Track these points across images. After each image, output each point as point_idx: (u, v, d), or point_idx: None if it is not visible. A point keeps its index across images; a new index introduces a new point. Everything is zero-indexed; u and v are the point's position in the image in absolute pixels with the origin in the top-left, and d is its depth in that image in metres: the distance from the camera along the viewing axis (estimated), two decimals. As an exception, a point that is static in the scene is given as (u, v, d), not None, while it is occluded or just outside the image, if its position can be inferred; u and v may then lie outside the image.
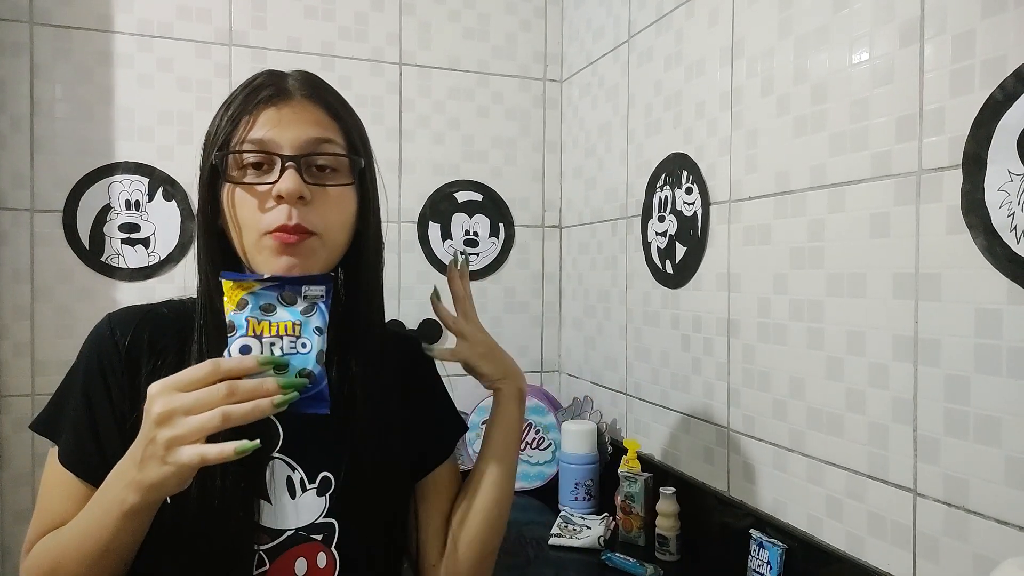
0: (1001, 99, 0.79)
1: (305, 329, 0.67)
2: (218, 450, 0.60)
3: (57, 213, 1.54)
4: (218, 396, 0.61)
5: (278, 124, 0.73)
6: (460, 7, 1.88)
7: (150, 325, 0.79)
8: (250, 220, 0.73)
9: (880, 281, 0.95)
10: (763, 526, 1.14)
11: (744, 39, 1.22)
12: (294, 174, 0.72)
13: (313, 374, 0.65)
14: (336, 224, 0.76)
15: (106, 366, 0.77)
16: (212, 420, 0.60)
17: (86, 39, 1.56)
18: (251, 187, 0.73)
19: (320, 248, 0.75)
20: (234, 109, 0.75)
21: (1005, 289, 0.79)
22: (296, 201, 0.72)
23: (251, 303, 0.67)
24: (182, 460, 0.60)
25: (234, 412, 0.61)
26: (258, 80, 0.77)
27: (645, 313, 1.53)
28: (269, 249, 0.73)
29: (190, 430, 0.60)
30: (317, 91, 0.77)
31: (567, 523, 1.42)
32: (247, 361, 0.63)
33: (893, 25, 0.93)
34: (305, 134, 0.74)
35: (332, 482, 0.80)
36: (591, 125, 1.80)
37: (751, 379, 1.20)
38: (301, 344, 0.66)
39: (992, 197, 0.80)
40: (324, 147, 0.75)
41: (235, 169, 0.74)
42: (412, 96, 1.83)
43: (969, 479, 0.84)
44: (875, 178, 0.96)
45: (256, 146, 0.73)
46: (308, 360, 0.66)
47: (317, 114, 0.76)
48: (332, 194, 0.75)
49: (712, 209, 1.30)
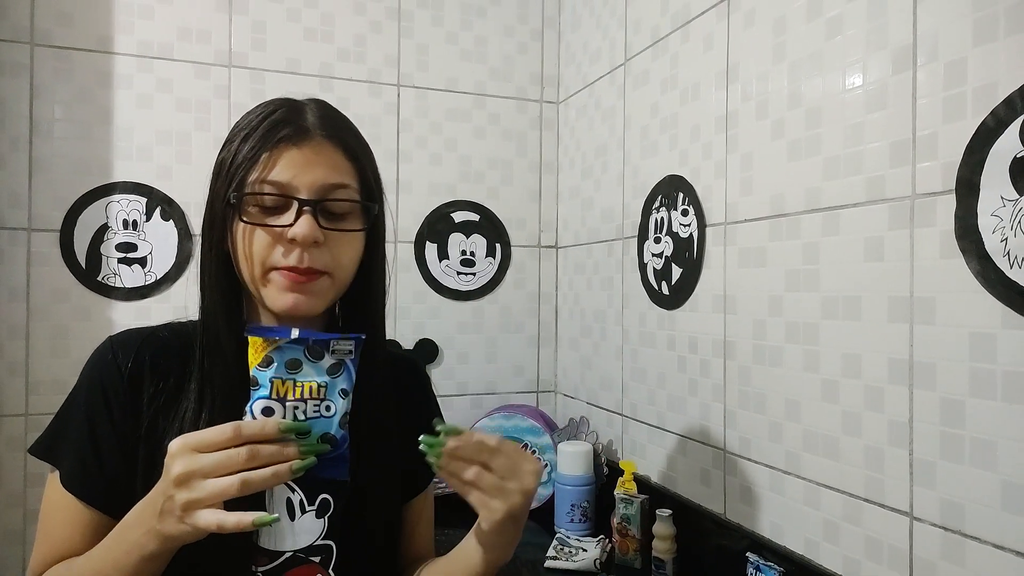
0: (993, 125, 0.80)
1: (331, 391, 0.66)
2: (235, 520, 0.61)
3: (54, 232, 1.54)
4: (238, 460, 0.61)
5: (297, 166, 0.74)
6: (458, 30, 1.89)
7: (152, 348, 0.80)
8: (261, 255, 0.74)
9: (875, 304, 0.96)
10: (760, 549, 1.13)
11: (739, 64, 1.23)
12: (311, 220, 0.73)
13: (335, 439, 0.65)
14: (346, 263, 0.78)
15: (108, 389, 0.77)
16: (231, 487, 0.60)
17: (86, 60, 1.57)
18: (267, 228, 0.74)
19: (329, 287, 0.77)
20: (253, 143, 0.75)
21: (999, 313, 0.80)
22: (310, 246, 0.73)
23: (276, 361, 0.65)
24: (199, 524, 0.61)
25: (253, 479, 0.61)
26: (277, 114, 0.76)
27: (641, 334, 1.53)
28: (276, 285, 0.74)
29: (208, 495, 0.60)
30: (336, 131, 0.78)
31: (563, 545, 1.41)
32: (269, 427, 0.63)
33: (886, 52, 0.95)
34: (323, 179, 0.75)
35: (331, 504, 0.80)
36: (588, 146, 1.81)
37: (747, 401, 1.20)
38: (325, 407, 0.65)
39: (985, 222, 0.81)
40: (340, 192, 0.76)
41: (251, 206, 0.75)
42: (410, 117, 1.85)
43: (965, 503, 0.84)
44: (869, 202, 0.97)
45: (275, 189, 0.74)
46: (331, 424, 0.65)
47: (335, 157, 0.76)
48: (344, 236, 0.77)
49: (708, 231, 1.31)
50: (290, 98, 0.80)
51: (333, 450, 0.65)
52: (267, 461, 0.62)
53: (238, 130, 0.78)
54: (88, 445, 0.75)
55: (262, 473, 0.61)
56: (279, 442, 0.63)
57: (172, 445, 0.62)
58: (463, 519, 0.81)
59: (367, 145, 0.83)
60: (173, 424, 0.75)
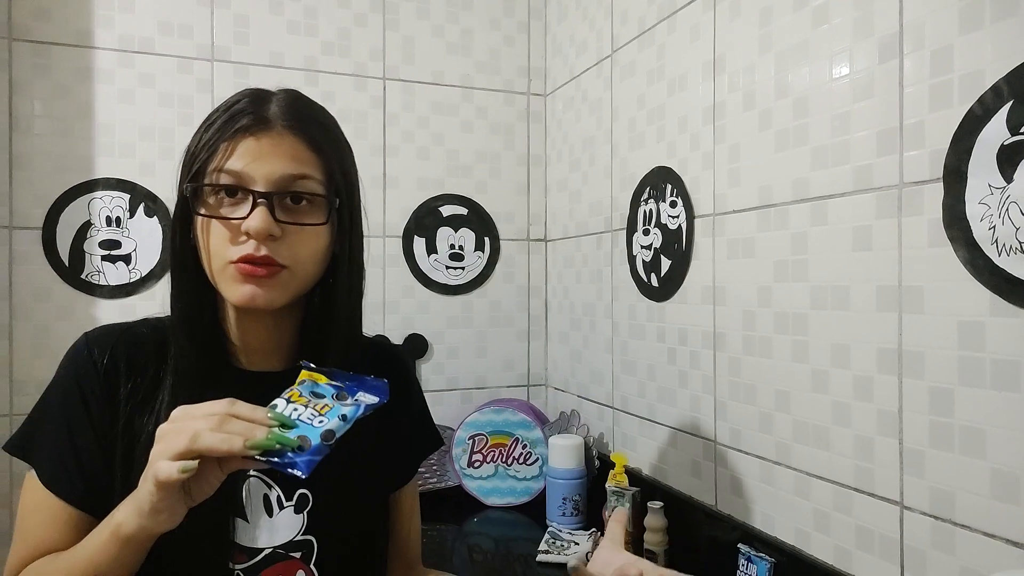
0: (980, 113, 0.80)
1: (332, 412, 0.66)
2: (167, 470, 0.59)
3: (36, 230, 1.52)
4: (209, 423, 0.60)
5: (254, 156, 0.72)
6: (444, 22, 1.88)
7: (128, 344, 0.78)
8: (218, 248, 0.73)
9: (864, 294, 0.95)
10: (751, 540, 1.14)
11: (726, 54, 1.22)
12: (264, 212, 0.71)
13: (309, 443, 0.63)
14: (306, 258, 0.76)
15: (84, 385, 0.76)
16: (182, 438, 0.60)
17: (66, 55, 1.54)
18: (222, 220, 0.73)
19: (290, 280, 0.75)
20: (212, 133, 0.73)
21: (987, 301, 0.80)
22: (264, 239, 0.71)
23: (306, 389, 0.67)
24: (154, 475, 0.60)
25: (203, 436, 0.59)
26: (239, 104, 0.74)
27: (631, 326, 1.53)
28: (232, 277, 0.73)
29: (165, 444, 0.60)
30: (300, 121, 0.75)
31: (555, 539, 1.41)
32: (259, 411, 0.63)
33: (872, 40, 0.94)
34: (281, 169, 0.72)
35: (310, 499, 0.79)
36: (575, 139, 1.80)
37: (737, 392, 1.19)
38: (318, 421, 0.65)
39: (973, 210, 0.81)
40: (299, 183, 0.73)
41: (209, 197, 0.73)
42: (396, 111, 1.83)
43: (955, 492, 0.84)
44: (857, 191, 0.96)
45: (230, 179, 0.72)
46: (314, 433, 0.64)
47: (296, 147, 0.74)
48: (303, 230, 0.74)
49: (696, 222, 1.30)
50: (260, 88, 0.78)
51: (302, 453, 0.63)
52: (232, 431, 0.61)
53: (203, 125, 0.76)
54: (66, 443, 0.74)
55: (214, 435, 0.59)
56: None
57: (173, 412, 0.63)
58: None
59: (339, 138, 0.80)
60: (150, 420, 0.74)
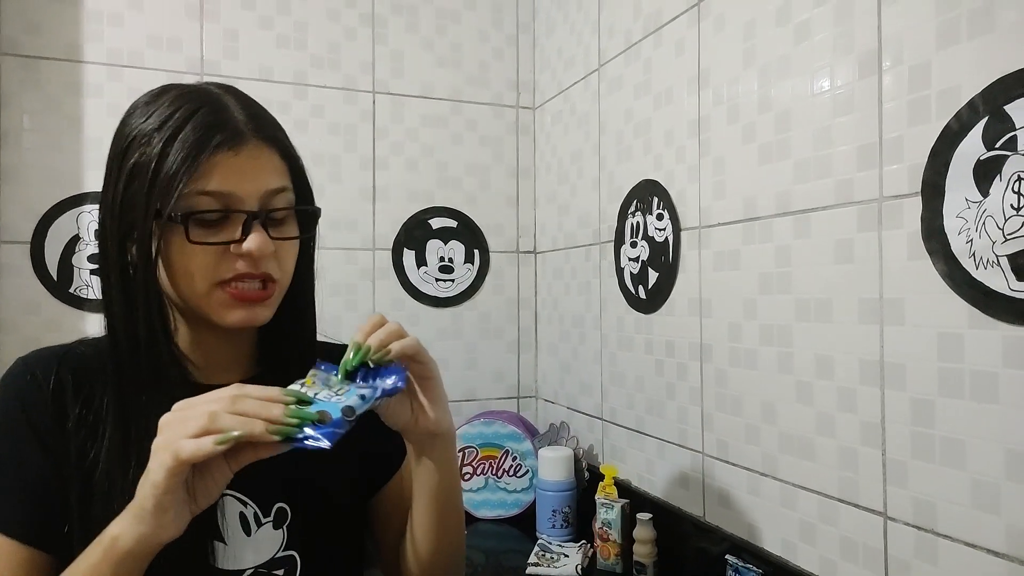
0: (957, 128, 0.81)
1: (350, 392, 0.63)
2: (194, 445, 0.55)
3: (25, 244, 1.52)
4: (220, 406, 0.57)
5: (238, 174, 0.70)
6: (433, 36, 1.89)
7: (71, 365, 0.74)
8: (204, 272, 0.70)
9: (846, 306, 0.96)
10: (739, 551, 1.14)
11: (710, 68, 1.24)
12: (262, 233, 0.70)
13: (329, 416, 0.60)
14: (290, 270, 0.77)
15: (31, 413, 0.70)
16: (199, 419, 0.56)
17: (55, 69, 1.55)
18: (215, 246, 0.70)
19: (278, 295, 0.75)
20: (187, 150, 0.68)
21: (966, 314, 0.81)
22: (266, 259, 0.71)
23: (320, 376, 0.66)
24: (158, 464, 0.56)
25: (222, 417, 0.56)
26: (201, 114, 0.70)
27: (619, 338, 1.54)
28: (222, 302, 0.71)
29: (173, 431, 0.56)
30: (269, 130, 0.74)
31: (545, 551, 1.41)
32: (272, 390, 0.59)
33: (852, 56, 0.96)
34: (266, 185, 0.72)
35: (288, 513, 0.76)
36: (563, 152, 1.82)
37: (724, 404, 1.20)
38: (336, 399, 0.62)
39: (951, 224, 0.82)
40: (280, 197, 0.73)
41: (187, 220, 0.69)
42: (385, 124, 1.84)
43: (937, 502, 0.84)
44: (838, 205, 0.97)
45: (219, 201, 0.69)
46: (334, 408, 0.60)
47: (272, 160, 0.73)
48: (287, 243, 0.75)
49: (683, 235, 1.31)
50: (203, 88, 0.75)
51: (324, 426, 0.59)
52: (245, 411, 0.57)
53: (151, 129, 0.69)
54: (13, 478, 0.68)
55: (232, 418, 0.56)
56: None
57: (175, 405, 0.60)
58: None
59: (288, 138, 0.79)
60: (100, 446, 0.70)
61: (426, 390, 0.73)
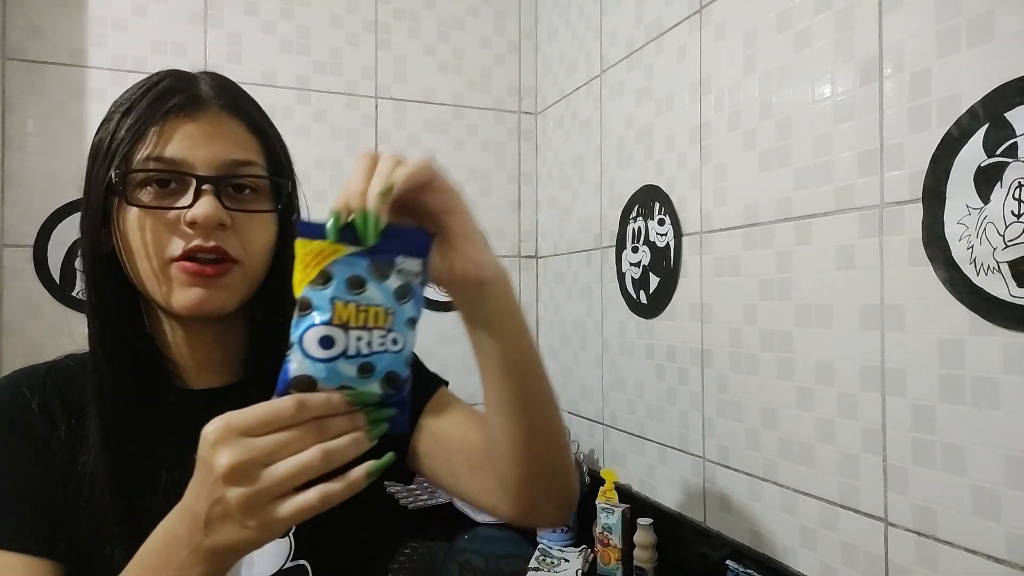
0: (957, 135, 0.82)
1: (398, 320, 0.52)
2: (346, 481, 0.49)
3: (28, 248, 1.53)
4: (306, 437, 0.49)
5: (192, 140, 0.64)
6: (435, 42, 1.90)
7: (58, 381, 0.70)
8: (155, 246, 0.64)
9: (847, 312, 0.97)
10: (739, 557, 1.14)
11: (711, 75, 1.24)
12: (212, 199, 0.63)
13: (399, 379, 0.52)
14: (258, 249, 0.68)
15: (21, 426, 0.66)
16: (312, 462, 0.48)
17: (59, 74, 1.55)
18: (159, 211, 0.64)
19: (240, 280, 0.68)
20: (136, 116, 0.64)
21: (967, 320, 0.81)
22: (214, 228, 0.64)
23: (337, 277, 0.50)
24: (275, 519, 0.49)
25: (334, 449, 0.49)
26: (164, 83, 0.66)
27: (620, 343, 1.54)
28: (176, 280, 0.65)
29: (279, 480, 0.48)
30: (235, 100, 0.69)
31: (545, 556, 1.41)
32: (336, 400, 0.50)
33: (853, 63, 0.96)
34: (224, 154, 0.65)
35: None
36: (565, 157, 1.82)
37: (725, 409, 1.20)
38: (392, 340, 0.51)
39: (952, 230, 0.82)
40: (243, 170, 0.67)
41: (138, 190, 0.64)
42: (388, 129, 1.85)
43: (937, 508, 0.85)
44: (839, 211, 0.98)
45: (167, 165, 0.64)
46: (399, 361, 0.52)
47: (237, 130, 0.67)
48: (253, 219, 0.68)
49: (684, 240, 1.31)
50: (176, 69, 0.70)
51: (396, 394, 0.52)
52: (337, 435, 0.50)
53: (116, 106, 0.67)
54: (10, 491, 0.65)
55: (342, 442, 0.50)
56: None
57: (209, 429, 0.49)
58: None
59: (269, 118, 0.74)
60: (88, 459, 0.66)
61: (454, 226, 0.57)
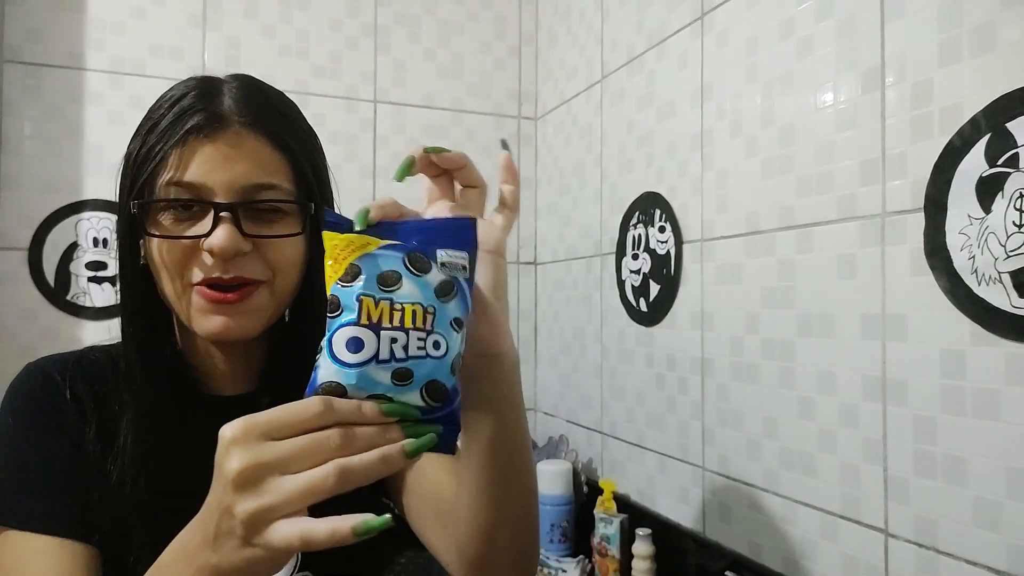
0: (959, 145, 0.81)
1: (439, 320, 0.46)
2: (328, 530, 0.42)
3: (23, 251, 1.52)
4: (328, 446, 0.44)
5: (210, 163, 0.62)
6: (435, 46, 1.90)
7: (86, 371, 0.70)
8: (177, 271, 0.64)
9: (848, 321, 0.96)
10: (739, 568, 1.13)
11: (713, 82, 1.24)
12: (230, 227, 0.62)
13: (445, 390, 0.46)
14: (286, 266, 0.67)
15: (54, 411, 0.66)
16: (325, 480, 0.42)
17: (56, 76, 1.55)
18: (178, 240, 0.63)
19: (267, 301, 0.66)
20: (157, 138, 0.64)
21: (968, 330, 0.81)
22: (232, 258, 0.63)
23: (366, 272, 0.46)
24: (274, 543, 0.42)
25: (355, 466, 0.43)
26: (187, 98, 0.65)
27: (620, 351, 1.53)
28: (197, 306, 0.64)
29: (286, 497, 0.42)
30: (259, 116, 0.66)
31: (543, 567, 1.40)
32: (368, 409, 0.45)
33: (855, 72, 0.96)
34: (244, 178, 0.63)
35: None
36: (565, 163, 1.82)
37: (725, 418, 1.20)
38: (433, 343, 0.46)
39: (953, 240, 0.82)
40: (266, 194, 0.64)
41: (160, 214, 0.64)
42: (386, 133, 1.84)
43: (938, 520, 0.84)
44: (841, 220, 0.97)
45: (185, 190, 0.63)
46: (441, 369, 0.46)
47: (260, 150, 0.65)
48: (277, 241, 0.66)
49: (685, 248, 1.31)
50: (208, 76, 0.69)
51: (442, 408, 0.46)
52: (364, 448, 0.44)
53: (146, 118, 0.66)
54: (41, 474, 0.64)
55: (366, 458, 0.43)
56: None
57: (225, 430, 0.44)
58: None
59: (303, 128, 0.71)
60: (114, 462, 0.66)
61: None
